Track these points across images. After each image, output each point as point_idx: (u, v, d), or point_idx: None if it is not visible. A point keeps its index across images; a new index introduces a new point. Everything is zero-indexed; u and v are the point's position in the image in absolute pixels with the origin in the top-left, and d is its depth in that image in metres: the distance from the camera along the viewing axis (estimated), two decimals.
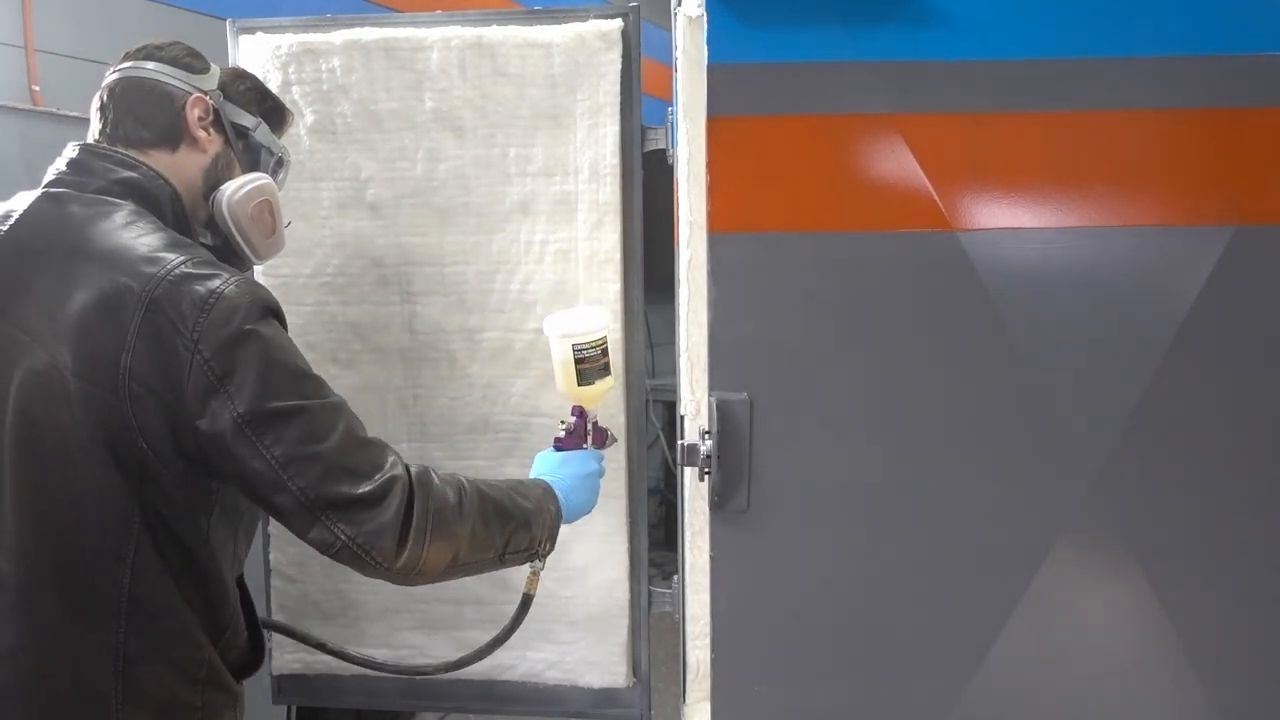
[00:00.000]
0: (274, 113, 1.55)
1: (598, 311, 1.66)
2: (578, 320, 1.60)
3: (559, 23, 1.71)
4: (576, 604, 1.82)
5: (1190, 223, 1.25)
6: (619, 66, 1.70)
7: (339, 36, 1.75)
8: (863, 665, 1.35)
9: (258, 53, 1.78)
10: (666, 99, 1.66)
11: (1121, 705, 1.33)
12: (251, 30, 1.80)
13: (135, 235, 1.25)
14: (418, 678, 1.88)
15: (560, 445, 1.63)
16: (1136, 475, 1.28)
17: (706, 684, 1.42)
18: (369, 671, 1.89)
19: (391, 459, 1.28)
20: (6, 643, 1.21)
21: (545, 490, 1.50)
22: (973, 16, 1.24)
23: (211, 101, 1.41)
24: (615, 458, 1.78)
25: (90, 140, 1.37)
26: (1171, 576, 1.29)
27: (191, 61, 1.43)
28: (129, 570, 1.22)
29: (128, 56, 1.42)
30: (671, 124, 1.70)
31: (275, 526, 1.84)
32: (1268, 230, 1.24)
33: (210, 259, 1.28)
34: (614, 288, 1.75)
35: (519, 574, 1.83)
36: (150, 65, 1.39)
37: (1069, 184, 1.25)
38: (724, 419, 1.29)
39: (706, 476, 1.31)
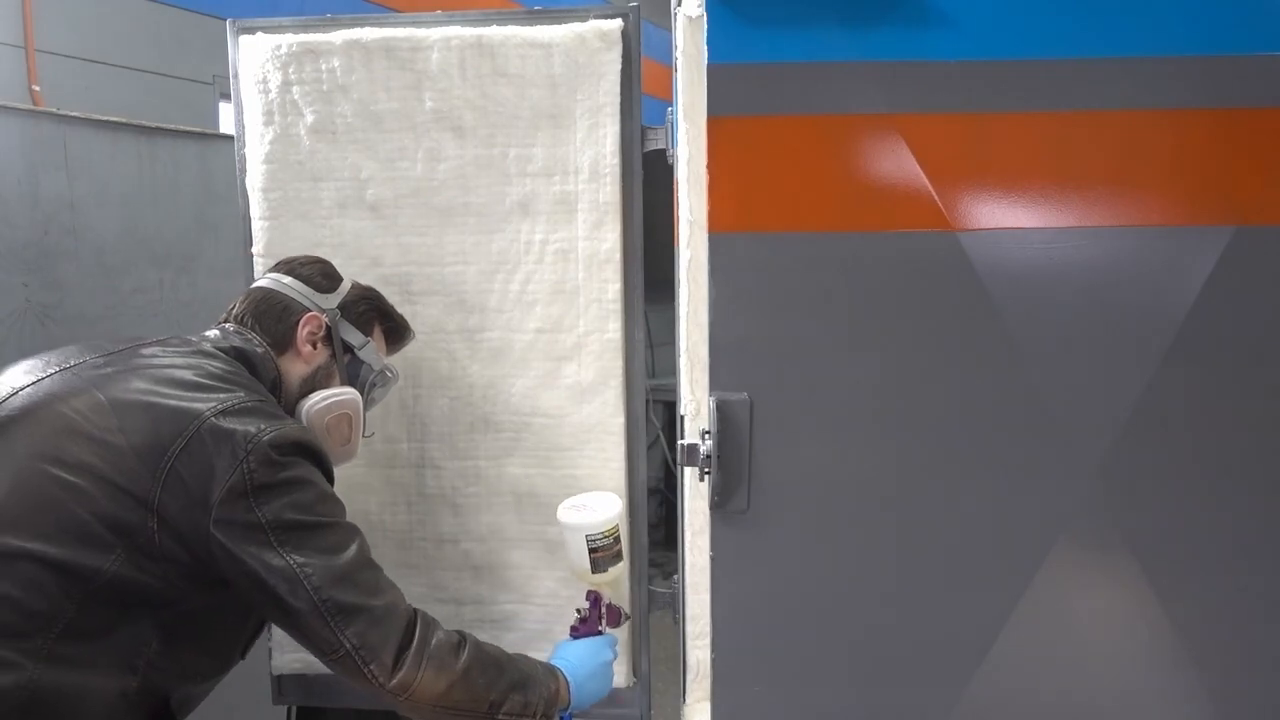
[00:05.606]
0: (393, 331, 1.71)
1: (609, 500, 1.69)
2: (590, 513, 1.64)
3: (559, 23, 1.71)
4: (577, 604, 1.81)
5: (1190, 223, 1.25)
6: (619, 66, 1.71)
7: (339, 36, 1.75)
8: (863, 665, 1.35)
9: (258, 53, 1.78)
10: (666, 99, 1.66)
11: (1122, 705, 1.33)
12: (251, 30, 1.80)
13: (229, 377, 1.41)
14: None
15: (577, 632, 1.67)
16: (1137, 475, 1.28)
17: (706, 684, 1.42)
18: None
19: (396, 590, 1.41)
20: None
21: (549, 671, 1.55)
22: (972, 16, 1.24)
23: (325, 319, 1.58)
24: (615, 457, 1.78)
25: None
26: (1172, 576, 1.29)
27: (322, 281, 1.62)
28: (57, 632, 1.23)
29: (275, 267, 1.63)
30: (671, 124, 1.70)
31: None
32: (1268, 230, 1.24)
33: (283, 416, 1.39)
34: (614, 288, 1.75)
35: (519, 574, 1.84)
36: (286, 280, 1.60)
37: (1069, 184, 1.25)
38: (724, 419, 1.29)
39: (706, 476, 1.31)
